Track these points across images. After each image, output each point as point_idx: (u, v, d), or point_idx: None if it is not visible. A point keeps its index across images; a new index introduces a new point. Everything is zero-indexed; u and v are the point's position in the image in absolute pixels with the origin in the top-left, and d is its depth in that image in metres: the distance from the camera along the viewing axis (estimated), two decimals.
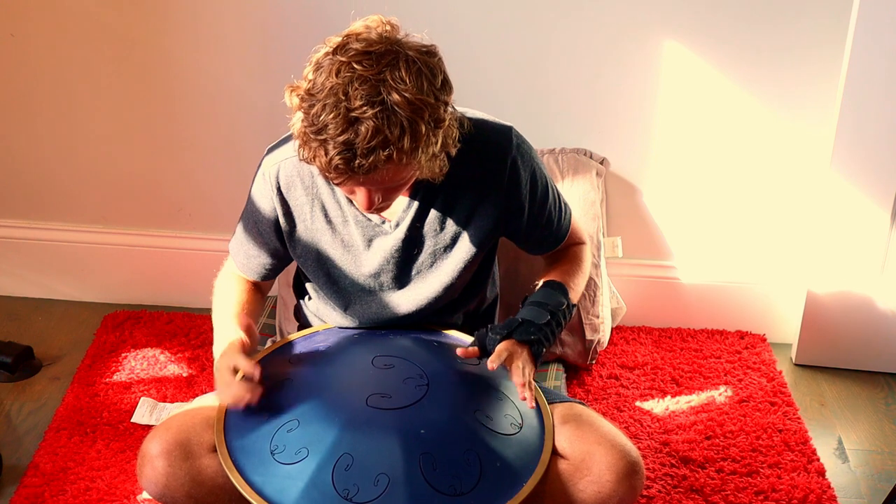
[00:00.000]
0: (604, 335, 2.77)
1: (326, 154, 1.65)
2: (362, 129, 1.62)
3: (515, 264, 2.56)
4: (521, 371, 1.89)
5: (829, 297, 2.80)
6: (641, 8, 2.64)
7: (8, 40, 2.77)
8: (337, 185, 1.73)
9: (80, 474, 2.35)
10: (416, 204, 1.90)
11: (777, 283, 2.92)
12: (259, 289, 2.13)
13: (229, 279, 2.10)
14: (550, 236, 2.06)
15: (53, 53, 2.78)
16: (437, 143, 1.71)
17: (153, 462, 1.78)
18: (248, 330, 1.90)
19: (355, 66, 1.64)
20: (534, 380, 1.91)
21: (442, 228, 1.92)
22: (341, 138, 1.63)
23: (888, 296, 2.78)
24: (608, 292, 2.82)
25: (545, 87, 2.75)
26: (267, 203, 1.95)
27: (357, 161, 1.63)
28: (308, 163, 1.73)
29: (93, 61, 2.78)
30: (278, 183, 1.92)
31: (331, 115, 1.63)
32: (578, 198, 2.71)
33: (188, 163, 2.90)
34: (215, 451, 1.80)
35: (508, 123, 1.93)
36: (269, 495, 1.70)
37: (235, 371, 1.81)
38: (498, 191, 1.90)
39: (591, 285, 2.72)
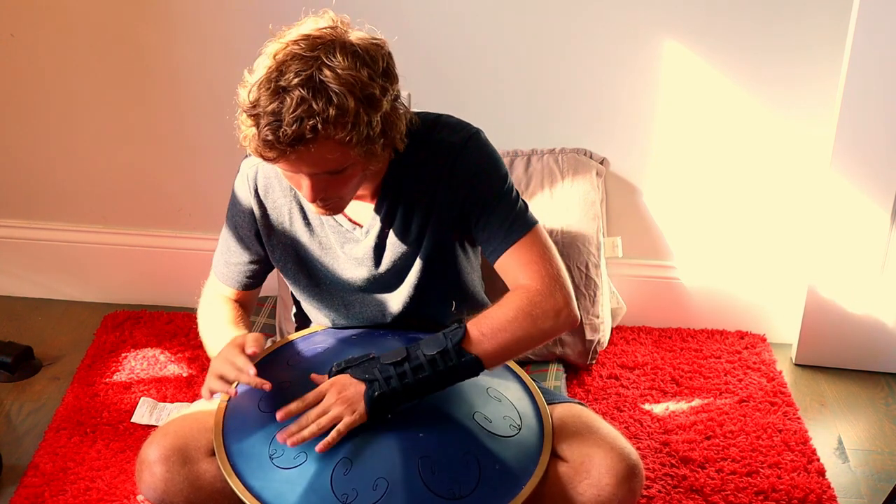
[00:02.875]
0: (604, 335, 2.77)
1: (258, 128, 1.66)
2: (288, 98, 1.64)
3: None
4: (321, 409, 1.71)
5: (829, 297, 2.80)
6: (641, 8, 2.64)
7: (8, 40, 2.77)
8: (273, 164, 1.72)
9: (80, 474, 2.35)
10: (383, 209, 1.90)
11: (777, 283, 2.92)
12: (244, 308, 2.09)
13: (213, 302, 2.09)
14: (498, 233, 1.86)
15: (53, 53, 2.78)
16: (373, 127, 1.69)
17: (152, 467, 1.78)
18: (257, 342, 1.82)
19: (292, 47, 1.67)
20: (340, 426, 1.71)
21: (408, 230, 1.91)
22: (269, 108, 1.64)
23: (888, 296, 2.78)
24: (608, 292, 2.82)
25: (545, 87, 2.74)
26: (246, 206, 1.97)
27: (282, 130, 1.63)
28: (249, 149, 1.73)
29: (93, 61, 2.78)
30: (256, 184, 1.94)
31: (263, 90, 1.66)
32: (578, 198, 2.71)
33: (188, 163, 2.90)
34: (213, 455, 1.79)
35: (473, 125, 1.89)
36: (267, 500, 1.69)
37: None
38: (447, 185, 1.87)
39: (592, 285, 2.71)
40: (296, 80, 1.64)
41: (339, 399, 1.72)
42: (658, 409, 2.64)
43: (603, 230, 2.78)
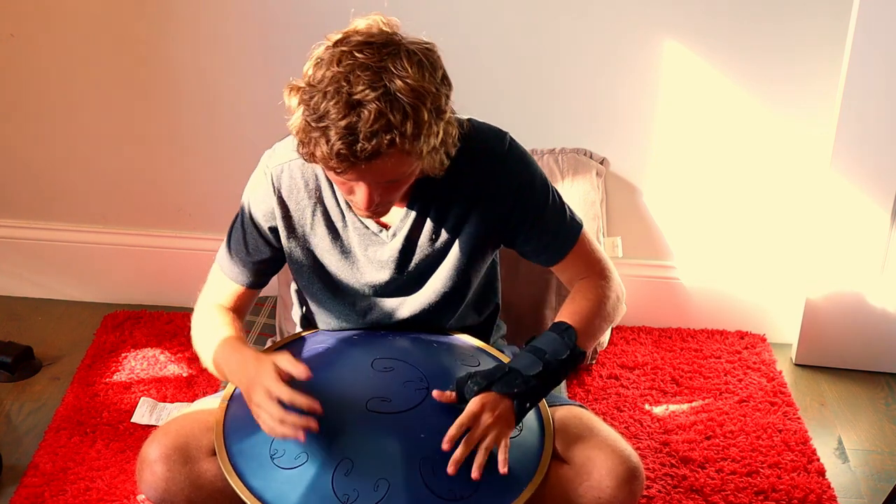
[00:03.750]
0: (604, 335, 2.77)
1: (328, 141, 1.62)
2: (365, 112, 1.60)
3: (516, 264, 2.56)
4: (486, 435, 1.72)
5: (829, 297, 2.80)
6: (642, 8, 2.64)
7: (8, 40, 2.77)
8: (339, 175, 1.69)
9: (80, 474, 2.35)
10: (413, 213, 1.89)
11: (777, 283, 2.92)
12: (240, 312, 2.03)
13: (210, 312, 1.99)
14: (553, 243, 1.94)
15: (53, 53, 2.78)
16: (438, 136, 1.69)
17: (152, 466, 1.78)
18: (291, 361, 1.75)
19: (356, 54, 1.63)
20: (504, 444, 1.72)
21: (437, 236, 1.90)
22: (343, 122, 1.61)
23: (888, 296, 2.78)
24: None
25: (545, 87, 2.74)
26: (265, 204, 1.92)
27: (360, 145, 1.61)
28: (308, 159, 1.71)
29: (93, 61, 2.78)
30: (280, 185, 1.90)
31: (332, 102, 1.61)
32: (578, 198, 2.71)
33: (188, 163, 2.89)
34: (214, 454, 1.79)
35: (504, 129, 1.91)
36: (268, 500, 1.69)
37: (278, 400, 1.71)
38: (490, 196, 1.87)
39: None
40: (371, 94, 1.60)
41: (496, 419, 1.73)
42: (658, 409, 2.64)
43: (603, 230, 2.78)
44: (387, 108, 1.61)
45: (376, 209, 1.78)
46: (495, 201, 1.88)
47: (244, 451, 1.76)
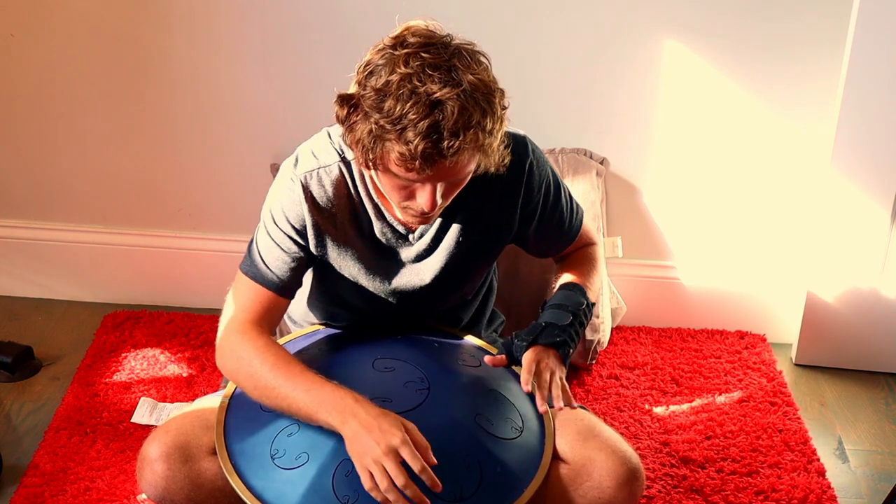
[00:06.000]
0: (604, 335, 2.77)
1: (407, 143, 1.61)
2: (448, 109, 1.61)
3: (515, 263, 2.56)
4: (552, 376, 1.94)
5: (829, 297, 2.80)
6: (642, 7, 2.64)
7: (8, 40, 2.77)
8: (416, 176, 1.67)
9: (80, 474, 2.35)
10: (440, 217, 1.90)
11: (777, 283, 2.92)
12: (272, 325, 1.95)
13: (245, 337, 1.85)
14: (562, 237, 2.09)
15: (53, 53, 2.78)
16: (501, 132, 1.72)
17: (152, 465, 1.78)
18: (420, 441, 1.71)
19: (423, 54, 1.64)
20: (564, 383, 1.97)
21: (462, 237, 1.92)
22: (425, 122, 1.60)
23: (888, 296, 2.78)
24: (608, 292, 2.82)
25: (545, 87, 2.74)
26: (295, 212, 1.87)
27: (445, 143, 1.61)
28: (373, 166, 1.69)
29: (93, 61, 2.78)
30: (310, 192, 1.86)
31: (409, 104, 1.61)
32: (578, 198, 2.69)
33: (188, 163, 2.89)
34: (215, 453, 1.79)
35: (522, 132, 1.93)
36: (268, 500, 1.69)
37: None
38: (516, 198, 1.92)
39: None
40: (449, 91, 1.61)
41: (550, 362, 1.96)
42: (658, 409, 2.64)
43: (603, 230, 2.78)
44: (468, 104, 1.62)
45: (431, 213, 1.77)
46: (522, 205, 1.93)
47: (245, 450, 1.76)
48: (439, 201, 1.73)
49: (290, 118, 2.79)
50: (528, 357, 1.95)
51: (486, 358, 1.98)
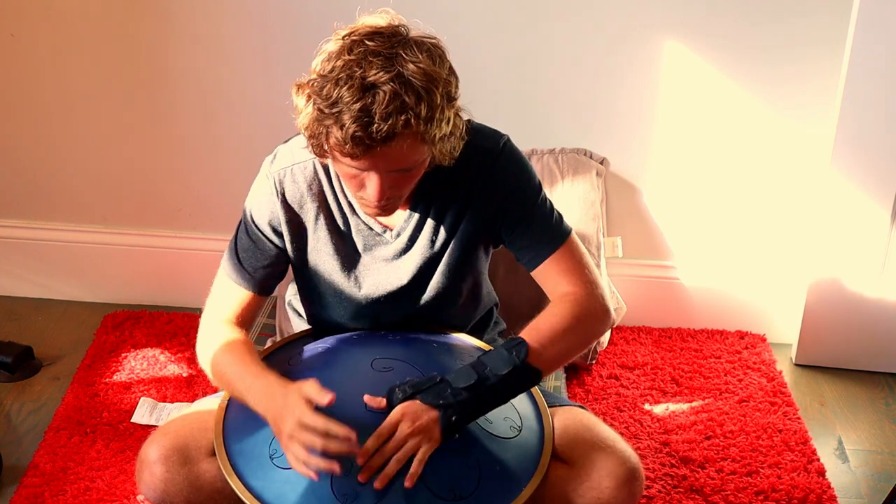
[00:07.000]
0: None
1: (342, 127, 1.62)
2: (379, 94, 1.61)
3: (516, 265, 2.55)
4: (396, 443, 1.67)
5: (829, 297, 2.80)
6: (642, 8, 2.64)
7: (8, 40, 2.77)
8: (353, 162, 1.68)
9: (80, 474, 2.35)
10: (416, 215, 1.89)
11: (777, 283, 2.92)
12: (247, 324, 1.99)
13: (220, 330, 1.92)
14: (535, 245, 1.91)
15: (53, 53, 2.78)
16: (449, 123, 1.70)
17: (151, 467, 1.78)
18: (318, 389, 1.69)
19: (367, 42, 1.65)
20: (420, 457, 1.67)
21: (436, 235, 1.91)
22: (357, 105, 1.61)
23: (888, 296, 2.78)
24: (608, 292, 2.81)
25: (545, 88, 2.74)
26: (269, 210, 1.90)
27: (375, 126, 1.61)
28: (318, 152, 1.71)
29: (92, 61, 2.78)
30: (283, 189, 1.89)
31: (345, 87, 1.63)
32: (578, 198, 2.71)
33: (188, 163, 2.90)
34: (214, 455, 1.79)
35: (502, 131, 1.91)
36: (268, 500, 1.69)
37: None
38: (482, 194, 1.88)
39: None
40: (385, 76, 1.62)
41: (415, 429, 1.68)
42: (658, 409, 2.64)
43: (603, 230, 2.78)
44: (401, 90, 1.62)
45: (386, 204, 1.77)
46: (488, 200, 1.88)
47: (244, 451, 1.76)
48: (388, 192, 1.73)
49: (290, 118, 2.78)
50: (393, 414, 1.69)
51: (366, 397, 1.73)
